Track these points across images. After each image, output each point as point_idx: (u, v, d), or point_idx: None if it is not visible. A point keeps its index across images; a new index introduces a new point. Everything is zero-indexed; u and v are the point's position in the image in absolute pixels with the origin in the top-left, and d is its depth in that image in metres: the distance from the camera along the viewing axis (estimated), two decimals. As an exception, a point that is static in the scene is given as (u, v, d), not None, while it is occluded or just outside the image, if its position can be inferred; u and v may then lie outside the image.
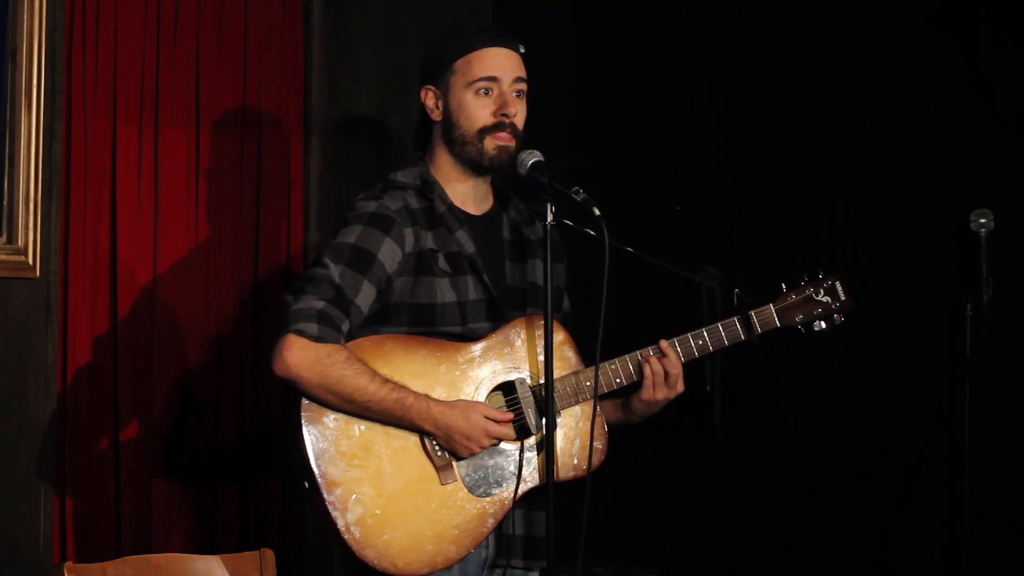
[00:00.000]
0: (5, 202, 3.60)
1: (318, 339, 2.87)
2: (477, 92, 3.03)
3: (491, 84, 3.03)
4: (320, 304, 2.90)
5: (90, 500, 3.71)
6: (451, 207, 3.07)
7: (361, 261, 2.96)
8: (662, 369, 3.04)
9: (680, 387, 3.07)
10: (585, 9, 4.46)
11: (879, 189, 3.79)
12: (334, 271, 2.94)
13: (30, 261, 3.62)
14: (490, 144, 3.03)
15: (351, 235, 2.98)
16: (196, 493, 3.89)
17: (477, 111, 3.03)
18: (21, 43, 3.59)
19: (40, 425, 3.63)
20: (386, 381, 2.90)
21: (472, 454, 2.94)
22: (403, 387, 2.91)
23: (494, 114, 3.02)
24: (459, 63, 3.05)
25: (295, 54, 4.12)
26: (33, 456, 3.63)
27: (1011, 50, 3.58)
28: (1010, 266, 3.53)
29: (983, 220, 3.49)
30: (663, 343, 3.06)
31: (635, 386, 3.07)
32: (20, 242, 3.61)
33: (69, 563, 2.80)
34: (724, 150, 4.12)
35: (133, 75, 3.81)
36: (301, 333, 2.87)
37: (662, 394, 3.05)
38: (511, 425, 2.96)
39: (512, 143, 3.02)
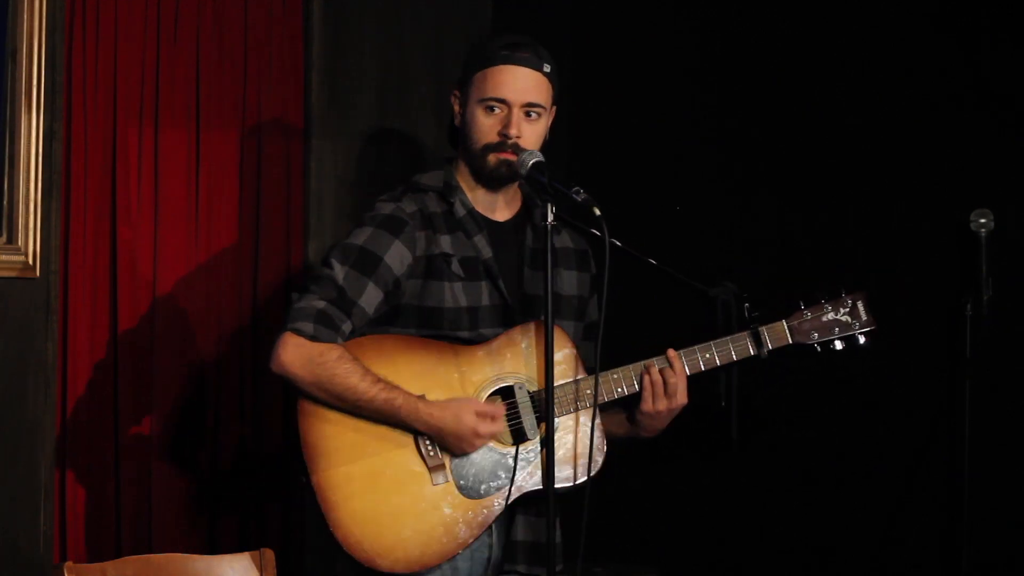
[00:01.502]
0: (5, 202, 3.59)
1: (313, 338, 2.89)
2: (485, 109, 3.03)
3: (499, 104, 3.03)
4: (321, 304, 2.91)
5: (90, 500, 3.71)
6: (472, 212, 3.07)
7: (367, 263, 2.97)
8: (661, 379, 3.01)
9: (682, 399, 3.03)
10: (585, 9, 4.46)
11: (879, 189, 3.79)
12: (339, 272, 2.95)
13: (30, 261, 3.61)
14: (492, 159, 3.04)
15: (361, 236, 3.00)
16: (196, 493, 3.88)
17: (483, 128, 3.04)
18: (21, 43, 3.59)
19: (40, 425, 3.63)
20: (377, 380, 2.90)
21: (466, 453, 2.94)
22: (394, 387, 2.91)
23: (498, 132, 3.02)
24: (477, 76, 3.04)
25: (295, 54, 4.12)
26: (33, 456, 3.62)
27: (1011, 50, 3.58)
28: (1010, 266, 3.53)
29: (983, 220, 3.49)
30: (670, 352, 3.03)
31: (639, 399, 3.04)
32: (20, 242, 3.60)
33: (69, 563, 2.81)
34: (724, 150, 4.11)
35: (133, 75, 3.80)
36: (297, 331, 2.90)
37: (663, 405, 3.01)
38: (504, 421, 2.95)
39: (514, 159, 3.00)
